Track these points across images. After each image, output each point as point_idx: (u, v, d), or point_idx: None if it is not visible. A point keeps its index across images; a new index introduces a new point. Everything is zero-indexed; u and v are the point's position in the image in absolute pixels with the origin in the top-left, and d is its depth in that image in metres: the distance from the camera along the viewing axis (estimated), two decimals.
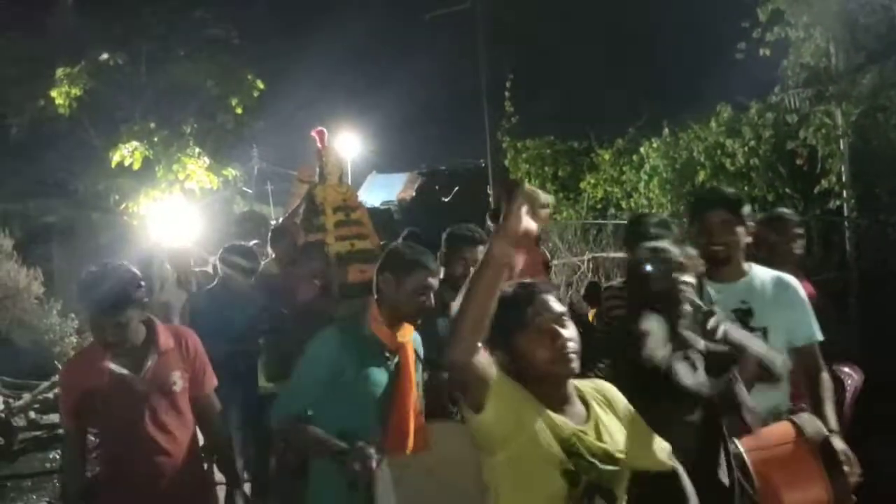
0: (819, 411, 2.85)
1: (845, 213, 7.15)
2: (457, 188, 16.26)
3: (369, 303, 3.05)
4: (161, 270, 7.31)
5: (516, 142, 11.57)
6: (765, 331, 2.97)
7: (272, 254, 6.70)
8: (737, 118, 8.06)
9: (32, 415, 8.21)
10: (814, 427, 2.67)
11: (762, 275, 3.12)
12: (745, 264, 3.14)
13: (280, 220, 8.33)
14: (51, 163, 14.53)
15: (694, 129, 8.62)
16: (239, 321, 4.90)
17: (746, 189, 7.82)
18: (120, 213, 13.35)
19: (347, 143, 30.06)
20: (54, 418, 8.45)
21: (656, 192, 8.88)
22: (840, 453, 2.61)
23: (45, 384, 8.90)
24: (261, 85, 14.26)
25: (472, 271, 1.93)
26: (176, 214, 12.04)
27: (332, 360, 2.90)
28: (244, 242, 6.47)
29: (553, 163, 11.19)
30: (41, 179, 14.72)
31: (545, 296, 2.11)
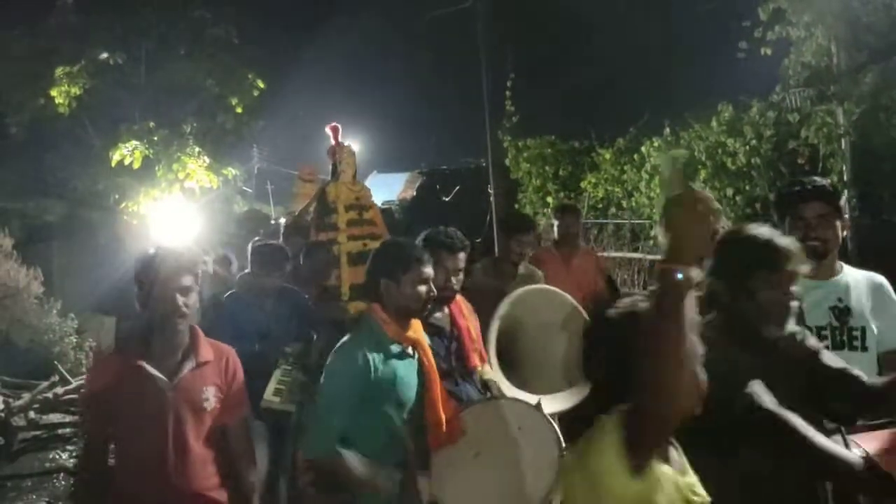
0: None
1: (846, 213, 7.13)
2: (457, 188, 16.22)
3: (372, 309, 3.03)
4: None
5: (517, 141, 11.56)
6: (863, 331, 2.83)
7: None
8: (738, 117, 8.05)
9: (32, 415, 8.19)
10: None
11: (854, 273, 2.96)
12: (838, 262, 2.97)
13: (287, 219, 8.10)
14: (50, 162, 14.52)
15: (695, 129, 8.61)
16: (263, 324, 4.74)
17: (747, 189, 7.81)
18: (120, 213, 13.33)
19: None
20: (54, 418, 8.44)
21: (657, 191, 8.87)
22: None
23: (45, 384, 8.88)
24: (261, 84, 14.25)
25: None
26: (176, 214, 12.02)
27: (362, 375, 2.84)
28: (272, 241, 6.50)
29: (554, 162, 11.18)
30: (41, 178, 14.70)
31: None
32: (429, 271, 3.03)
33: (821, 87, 7.03)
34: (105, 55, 13.08)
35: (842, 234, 2.90)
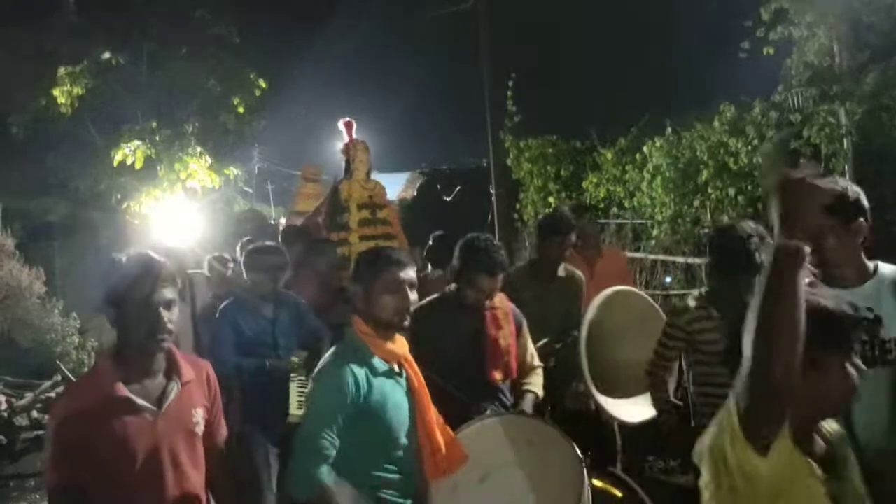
0: None
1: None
2: (458, 188, 16.22)
3: (354, 321, 2.74)
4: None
5: (518, 141, 11.55)
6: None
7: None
8: (740, 117, 8.04)
9: (35, 414, 8.20)
10: None
11: (891, 275, 2.61)
12: (870, 263, 2.64)
13: (286, 219, 7.95)
14: (52, 162, 14.51)
15: (697, 128, 8.60)
16: (267, 332, 4.44)
17: (749, 188, 7.81)
18: (122, 213, 13.33)
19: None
20: None
21: (659, 191, 8.87)
22: None
23: (48, 383, 8.89)
24: (263, 84, 14.25)
25: (765, 273, 1.60)
26: (177, 213, 12.03)
27: (349, 392, 2.54)
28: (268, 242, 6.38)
29: (555, 162, 11.16)
30: (43, 178, 14.70)
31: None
32: (404, 276, 2.65)
33: (823, 86, 7.03)
34: (107, 55, 13.08)
35: (856, 239, 2.58)
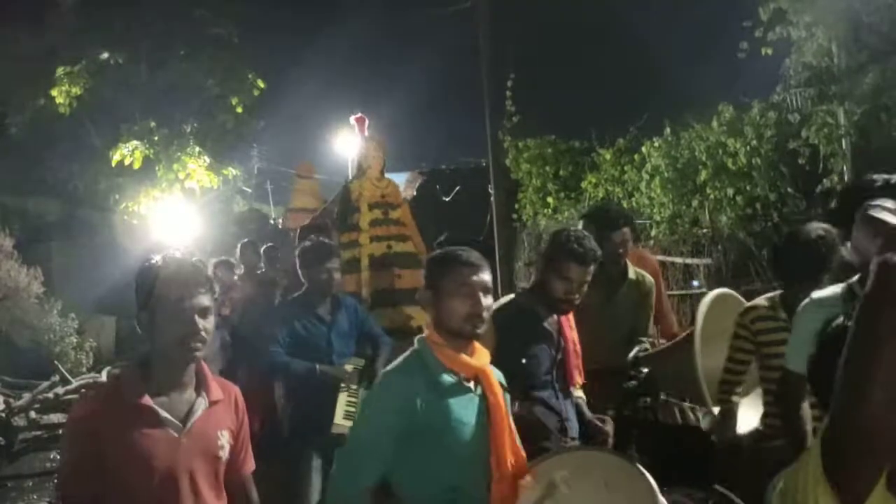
0: None
1: None
2: (458, 188, 16.20)
3: (428, 328, 2.45)
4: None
5: (517, 141, 11.54)
6: None
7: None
8: (739, 117, 8.04)
9: (33, 415, 8.19)
10: None
11: None
12: None
13: (284, 218, 7.83)
14: (51, 162, 14.52)
15: (695, 129, 8.59)
16: (322, 334, 4.18)
17: (748, 189, 7.80)
18: (120, 213, 13.33)
19: (347, 143, 30.08)
20: (55, 418, 8.43)
21: (658, 191, 8.86)
22: None
23: (46, 384, 8.88)
24: (261, 84, 14.26)
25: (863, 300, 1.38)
26: (176, 214, 12.03)
27: (405, 411, 2.26)
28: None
29: (554, 162, 11.16)
30: (41, 179, 14.70)
31: None
32: (477, 279, 2.36)
33: (821, 87, 7.03)
34: (105, 55, 13.11)
35: None
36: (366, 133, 6.36)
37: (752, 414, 3.43)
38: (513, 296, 3.33)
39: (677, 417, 4.00)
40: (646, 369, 3.75)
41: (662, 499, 2.31)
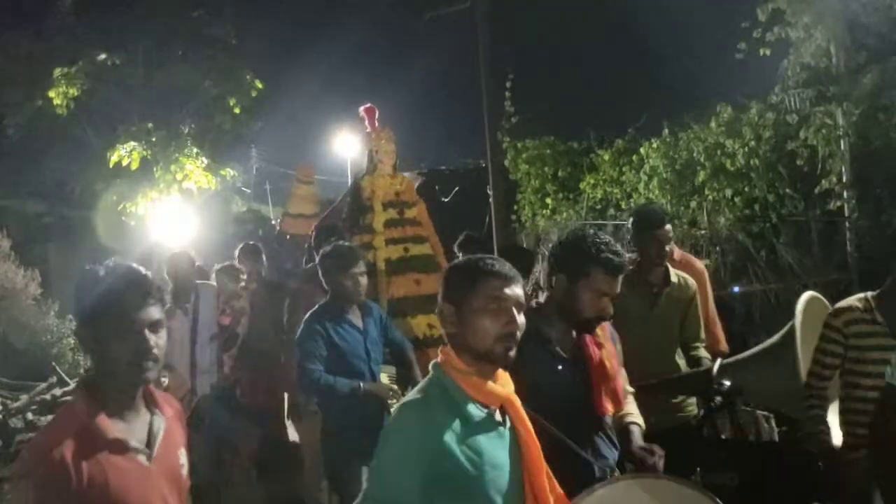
0: None
1: (846, 214, 7.12)
2: (457, 188, 16.20)
3: (443, 353, 2.07)
4: (158, 274, 6.79)
5: (516, 142, 11.53)
6: None
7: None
8: (737, 118, 8.03)
9: (30, 416, 8.16)
10: None
11: None
12: None
13: (282, 221, 7.29)
14: (48, 163, 14.51)
15: (694, 130, 8.59)
16: (359, 343, 3.95)
17: (746, 190, 7.80)
18: (118, 214, 13.31)
19: (346, 143, 30.10)
20: None
21: (656, 192, 8.86)
22: None
23: (43, 385, 8.85)
24: (259, 85, 14.24)
25: None
26: (174, 215, 12.01)
27: (426, 449, 1.91)
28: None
29: (553, 163, 11.15)
30: (38, 180, 14.69)
31: None
32: (510, 292, 2.01)
33: (820, 87, 7.03)
34: (103, 56, 13.08)
35: None
36: (376, 125, 5.82)
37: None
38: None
39: (763, 430, 3.69)
40: (727, 381, 3.33)
41: None
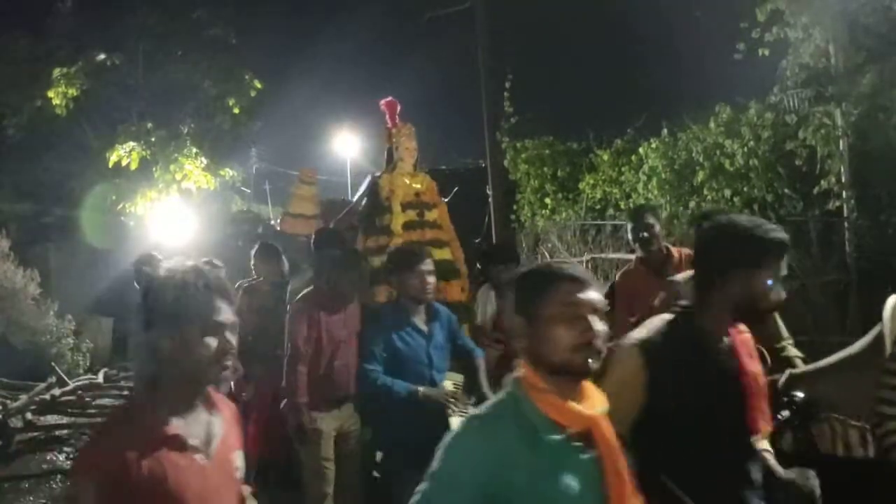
0: None
1: (845, 214, 7.13)
2: (456, 188, 16.23)
3: (520, 374, 1.82)
4: (155, 272, 6.64)
5: (515, 142, 11.55)
6: None
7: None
8: (736, 118, 8.04)
9: (29, 416, 8.17)
10: None
11: None
12: None
13: (283, 220, 6.87)
14: (48, 163, 14.50)
15: (693, 130, 8.60)
16: (421, 347, 3.75)
17: (745, 190, 7.81)
18: (117, 214, 13.31)
19: (346, 143, 30.12)
20: (51, 420, 8.42)
21: (655, 192, 8.87)
22: None
23: (42, 385, 8.86)
24: (259, 85, 14.24)
25: None
26: (173, 215, 12.02)
27: (490, 476, 1.68)
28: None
29: (552, 163, 11.17)
30: (38, 180, 14.69)
31: None
32: (586, 297, 1.78)
33: (819, 88, 7.03)
34: (102, 56, 13.08)
35: None
36: (397, 120, 5.45)
37: None
38: (660, 318, 2.31)
39: (854, 444, 3.32)
40: (800, 393, 3.03)
41: None
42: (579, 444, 1.75)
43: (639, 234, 4.31)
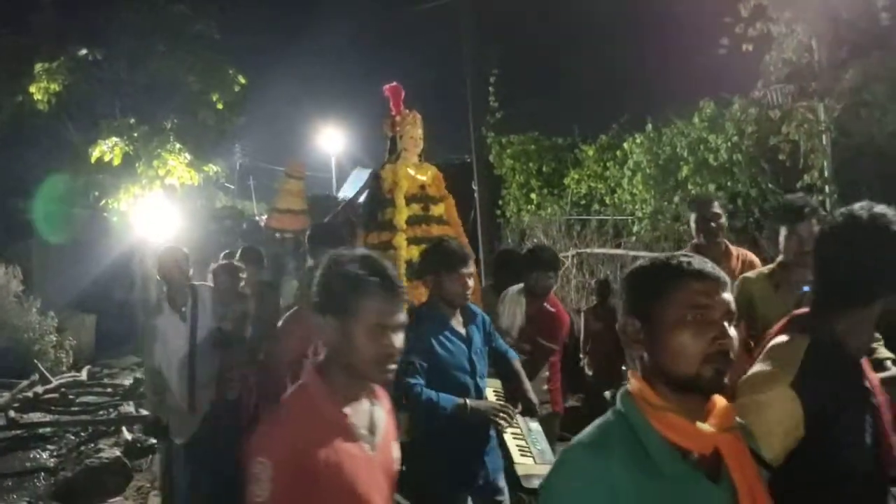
0: None
1: (828, 209, 7.18)
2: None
3: (637, 379, 1.55)
4: (143, 266, 6.55)
5: (501, 137, 11.56)
6: None
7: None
8: (719, 114, 8.10)
9: (12, 414, 8.12)
10: None
11: None
12: None
13: (269, 217, 6.58)
14: (29, 159, 14.37)
15: (677, 125, 8.65)
16: (463, 353, 3.48)
17: (729, 185, 7.85)
18: (100, 210, 13.21)
19: (330, 139, 30.06)
20: (34, 417, 8.36)
21: (640, 187, 8.92)
22: None
23: (25, 383, 8.81)
24: (242, 80, 14.16)
25: None
26: (157, 211, 11.94)
27: None
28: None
29: (537, 158, 11.20)
30: (20, 176, 14.55)
31: None
32: (720, 299, 1.49)
33: (802, 83, 7.07)
34: (84, 51, 12.97)
35: None
36: (402, 108, 5.15)
37: None
38: (792, 343, 1.88)
39: None
40: None
41: None
42: (704, 470, 1.48)
43: (708, 225, 4.12)
